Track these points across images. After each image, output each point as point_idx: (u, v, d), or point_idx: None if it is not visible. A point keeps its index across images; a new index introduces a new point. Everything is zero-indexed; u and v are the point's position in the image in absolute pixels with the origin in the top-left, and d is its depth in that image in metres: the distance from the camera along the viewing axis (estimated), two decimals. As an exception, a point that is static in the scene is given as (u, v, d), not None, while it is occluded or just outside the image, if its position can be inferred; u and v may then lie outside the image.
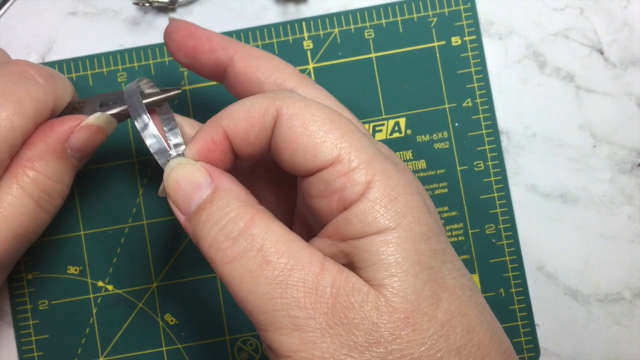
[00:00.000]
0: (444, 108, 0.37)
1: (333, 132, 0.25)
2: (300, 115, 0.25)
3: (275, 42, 0.37)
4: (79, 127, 0.29)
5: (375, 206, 0.24)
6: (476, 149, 0.37)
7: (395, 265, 0.24)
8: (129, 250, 0.37)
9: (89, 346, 0.37)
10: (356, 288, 0.24)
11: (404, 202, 0.25)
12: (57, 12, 0.38)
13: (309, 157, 0.25)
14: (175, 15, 0.38)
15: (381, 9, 0.37)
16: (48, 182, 0.29)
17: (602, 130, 0.37)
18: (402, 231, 0.24)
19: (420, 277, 0.24)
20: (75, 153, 0.30)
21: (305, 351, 0.23)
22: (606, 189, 0.37)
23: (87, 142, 0.30)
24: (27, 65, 0.30)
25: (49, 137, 0.29)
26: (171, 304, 0.37)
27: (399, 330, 0.23)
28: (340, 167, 0.25)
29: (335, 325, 0.23)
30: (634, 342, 0.36)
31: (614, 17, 0.37)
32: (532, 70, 0.37)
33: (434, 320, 0.24)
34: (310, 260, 0.24)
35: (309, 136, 0.25)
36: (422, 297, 0.24)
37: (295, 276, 0.24)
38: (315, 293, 0.23)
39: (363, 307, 0.23)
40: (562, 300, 0.37)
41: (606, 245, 0.37)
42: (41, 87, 0.29)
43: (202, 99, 0.37)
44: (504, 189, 0.37)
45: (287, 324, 0.23)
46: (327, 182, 0.25)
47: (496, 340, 0.25)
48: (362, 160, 0.25)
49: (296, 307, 0.23)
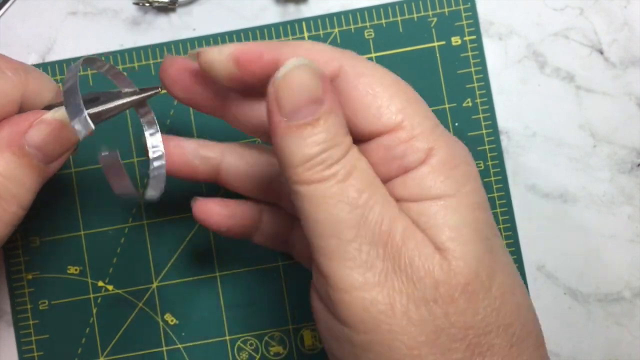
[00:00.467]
0: (444, 108, 0.37)
1: (399, 97, 0.25)
2: (366, 76, 0.25)
3: (275, 42, 0.37)
4: (38, 121, 0.27)
5: (435, 172, 0.24)
6: (476, 149, 0.37)
7: (456, 229, 0.24)
8: (129, 250, 0.37)
9: (89, 346, 0.37)
10: (425, 242, 0.23)
11: (463, 171, 0.25)
12: (57, 12, 0.38)
13: (371, 119, 0.24)
14: (175, 15, 0.38)
15: (381, 9, 0.37)
16: (1, 180, 0.26)
17: (602, 130, 0.37)
18: (461, 198, 0.24)
19: (480, 246, 0.24)
20: (36, 152, 0.27)
21: (366, 291, 0.23)
22: (606, 188, 0.37)
23: (49, 140, 0.27)
24: (0, 58, 0.28)
25: (4, 130, 0.27)
26: (171, 304, 0.37)
27: (457, 295, 0.23)
28: (403, 133, 0.24)
29: (400, 272, 0.23)
30: (634, 342, 0.36)
31: (614, 17, 0.37)
32: (532, 70, 0.37)
33: (489, 292, 0.24)
34: (390, 202, 0.24)
35: (374, 97, 0.24)
36: (481, 266, 0.24)
37: (376, 211, 0.23)
38: (389, 235, 0.23)
39: (428, 261, 0.23)
40: (562, 300, 0.37)
41: (606, 245, 0.37)
42: (7, 80, 0.27)
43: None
44: (504, 189, 0.37)
45: (356, 256, 0.23)
46: (388, 148, 0.25)
47: (535, 323, 0.25)
48: (424, 128, 0.24)
49: (369, 244, 0.23)
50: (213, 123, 0.37)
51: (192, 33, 0.38)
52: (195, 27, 0.38)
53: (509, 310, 0.24)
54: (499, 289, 0.24)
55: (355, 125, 0.25)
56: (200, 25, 0.38)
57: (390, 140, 0.24)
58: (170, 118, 0.37)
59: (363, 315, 0.23)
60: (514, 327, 0.24)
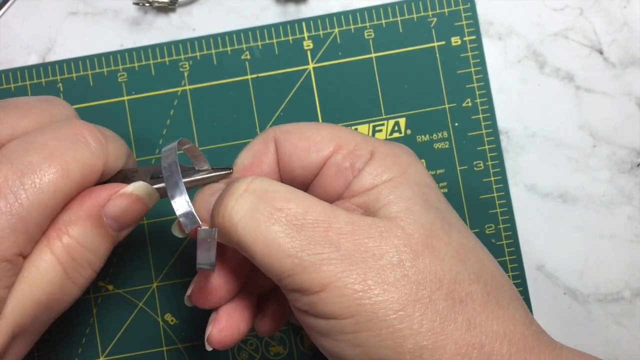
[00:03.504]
0: (443, 108, 0.37)
1: (324, 131, 0.29)
2: (293, 131, 0.29)
3: (275, 42, 0.37)
4: (117, 195, 0.28)
5: (381, 162, 0.27)
6: (476, 149, 0.37)
7: (407, 200, 0.26)
8: (129, 250, 0.37)
9: (89, 346, 0.37)
10: (374, 222, 0.25)
11: (405, 157, 0.28)
12: (57, 12, 0.38)
13: (314, 155, 0.28)
14: (175, 15, 0.38)
15: (381, 9, 0.37)
16: (79, 249, 0.28)
17: (601, 130, 0.37)
18: (407, 177, 0.27)
19: (431, 213, 0.26)
20: (112, 222, 0.28)
21: (337, 281, 0.24)
22: (606, 189, 0.37)
23: (125, 212, 0.28)
24: (82, 127, 0.29)
25: (86, 202, 0.28)
26: (171, 304, 0.37)
27: (420, 248, 0.25)
28: (344, 150, 0.28)
29: (360, 254, 0.25)
30: (634, 342, 0.36)
31: (613, 17, 0.37)
32: (532, 70, 0.37)
33: (450, 246, 0.26)
34: (319, 204, 0.26)
35: (307, 139, 0.28)
36: (435, 227, 0.26)
37: (309, 218, 0.25)
38: (332, 229, 0.25)
39: (382, 235, 0.25)
40: (562, 300, 0.37)
41: (606, 245, 0.37)
42: (91, 150, 0.28)
43: (201, 99, 0.37)
44: (504, 189, 0.37)
45: (313, 260, 0.24)
46: (337, 165, 0.28)
47: (506, 279, 0.27)
48: (357, 141, 0.28)
49: (317, 244, 0.25)
50: (213, 123, 0.37)
51: (192, 33, 0.38)
52: (195, 27, 0.38)
53: (474, 261, 0.26)
54: (459, 244, 0.26)
55: (304, 166, 0.28)
56: (200, 25, 0.38)
57: (336, 159, 0.28)
58: (170, 118, 0.37)
59: (342, 302, 0.24)
60: (483, 276, 0.26)
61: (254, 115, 0.37)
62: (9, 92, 0.37)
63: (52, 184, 0.27)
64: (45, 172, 0.27)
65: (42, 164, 0.27)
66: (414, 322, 0.24)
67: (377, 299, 0.24)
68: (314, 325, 0.25)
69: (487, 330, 0.24)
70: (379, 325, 0.24)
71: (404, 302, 0.24)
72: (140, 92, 0.37)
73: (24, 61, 0.38)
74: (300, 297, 0.25)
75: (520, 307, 0.26)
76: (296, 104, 0.37)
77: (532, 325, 0.26)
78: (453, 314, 0.24)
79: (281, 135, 0.29)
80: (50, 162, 0.27)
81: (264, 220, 0.25)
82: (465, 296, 0.25)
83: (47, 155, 0.27)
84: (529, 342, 0.25)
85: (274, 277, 0.25)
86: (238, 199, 0.26)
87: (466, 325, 0.24)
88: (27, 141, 0.27)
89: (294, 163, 0.29)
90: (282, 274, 0.25)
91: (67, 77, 0.37)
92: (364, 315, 0.24)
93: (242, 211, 0.25)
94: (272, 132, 0.29)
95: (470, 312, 0.25)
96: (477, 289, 0.25)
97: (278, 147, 0.29)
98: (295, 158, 0.28)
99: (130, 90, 0.37)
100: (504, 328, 0.25)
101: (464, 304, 0.25)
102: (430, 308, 0.24)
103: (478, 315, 0.25)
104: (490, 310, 0.25)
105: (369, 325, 0.24)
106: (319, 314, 0.25)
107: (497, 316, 0.25)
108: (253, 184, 0.26)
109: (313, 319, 0.25)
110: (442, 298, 0.24)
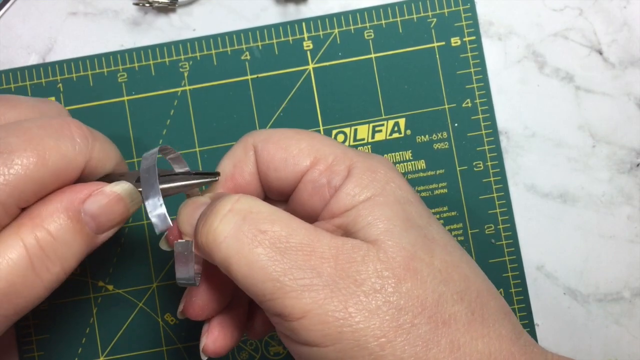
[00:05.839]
0: (443, 108, 0.37)
1: (303, 142, 0.28)
2: (271, 139, 0.29)
3: (275, 43, 0.37)
4: (98, 191, 0.28)
5: (359, 180, 0.27)
6: (476, 149, 0.37)
7: (387, 221, 0.26)
8: (129, 250, 0.37)
9: (89, 346, 0.37)
10: (356, 245, 0.25)
11: (383, 173, 0.27)
12: (57, 12, 0.38)
13: (290, 168, 0.28)
14: (175, 16, 0.38)
15: (381, 9, 0.37)
16: (51, 240, 0.27)
17: (601, 130, 0.37)
18: (387, 195, 0.27)
19: (412, 232, 0.26)
20: (90, 220, 0.27)
21: (318, 308, 0.24)
22: (605, 189, 0.37)
23: (104, 210, 0.28)
24: (71, 122, 0.28)
25: (65, 195, 0.27)
26: (171, 304, 0.37)
27: (402, 273, 0.25)
28: (320, 165, 0.28)
29: (342, 280, 0.24)
30: (633, 342, 0.37)
31: (613, 17, 0.37)
32: (532, 70, 0.37)
33: (432, 266, 0.25)
34: (303, 227, 0.25)
35: (284, 150, 0.28)
36: (417, 248, 0.26)
37: (293, 241, 0.25)
38: (315, 254, 0.25)
39: (365, 260, 0.25)
40: (562, 300, 0.37)
41: (605, 245, 0.37)
42: (74, 145, 0.28)
43: (201, 99, 0.37)
44: (504, 189, 0.37)
45: (295, 286, 0.24)
46: (313, 181, 0.28)
47: (493, 293, 0.27)
48: (336, 154, 0.28)
49: (299, 269, 0.24)
50: (213, 123, 0.37)
51: (192, 33, 0.38)
52: (195, 27, 0.38)
53: (457, 280, 0.26)
54: (442, 263, 0.26)
55: (281, 179, 0.28)
56: (200, 26, 0.38)
57: (312, 175, 0.28)
58: (170, 118, 0.37)
59: (324, 329, 0.24)
60: (467, 294, 0.26)
61: (254, 115, 0.37)
62: (8, 92, 0.37)
63: (24, 167, 0.26)
64: (21, 154, 0.26)
65: (19, 146, 0.26)
66: (396, 349, 0.24)
67: (359, 326, 0.24)
68: (296, 351, 0.25)
69: (471, 350, 0.24)
70: (361, 352, 0.24)
71: (385, 328, 0.24)
72: (140, 93, 0.37)
73: (24, 61, 0.38)
74: (282, 322, 0.25)
75: (507, 323, 0.26)
76: (296, 104, 0.37)
77: (520, 339, 0.26)
78: (436, 337, 0.24)
79: (259, 144, 0.29)
80: (27, 146, 0.27)
81: (247, 242, 0.25)
82: (448, 317, 0.25)
83: (27, 139, 0.27)
84: (516, 359, 0.25)
85: (255, 299, 0.25)
86: (222, 218, 0.26)
87: (449, 348, 0.24)
88: (12, 126, 0.27)
89: (271, 174, 0.29)
90: (263, 297, 0.25)
91: (67, 78, 0.37)
92: (346, 343, 0.24)
93: (226, 231, 0.25)
94: (250, 139, 0.29)
95: (454, 333, 0.24)
96: (461, 309, 0.25)
97: (257, 156, 0.29)
98: (272, 170, 0.28)
99: (130, 91, 0.37)
100: (489, 347, 0.25)
101: (448, 326, 0.24)
102: (413, 333, 0.24)
103: (462, 336, 0.24)
104: (474, 330, 0.25)
105: (351, 352, 0.24)
106: (300, 341, 0.25)
107: (482, 335, 0.25)
108: (238, 203, 0.26)
109: (295, 345, 0.25)
110: (424, 322, 0.24)
